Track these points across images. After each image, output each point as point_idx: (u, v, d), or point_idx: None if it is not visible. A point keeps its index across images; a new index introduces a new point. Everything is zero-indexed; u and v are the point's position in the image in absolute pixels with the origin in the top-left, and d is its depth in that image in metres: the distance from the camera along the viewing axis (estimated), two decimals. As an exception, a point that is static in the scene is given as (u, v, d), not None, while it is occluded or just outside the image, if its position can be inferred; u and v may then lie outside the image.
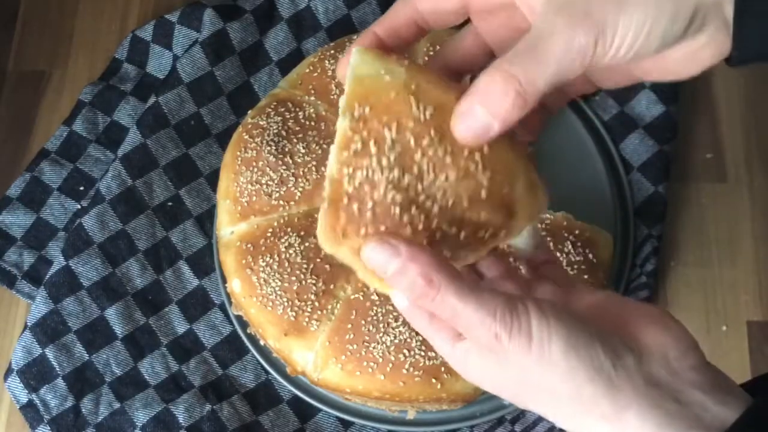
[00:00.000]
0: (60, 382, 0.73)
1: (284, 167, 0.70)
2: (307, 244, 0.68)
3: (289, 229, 0.69)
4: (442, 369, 0.65)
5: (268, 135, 0.71)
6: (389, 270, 0.38)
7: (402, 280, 0.38)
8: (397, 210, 0.38)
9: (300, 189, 0.70)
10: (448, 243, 0.39)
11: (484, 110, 0.37)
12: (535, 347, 0.37)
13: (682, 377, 0.38)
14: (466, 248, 0.40)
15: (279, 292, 0.67)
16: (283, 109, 0.73)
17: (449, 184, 0.38)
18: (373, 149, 0.38)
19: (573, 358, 0.37)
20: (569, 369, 0.37)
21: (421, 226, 0.38)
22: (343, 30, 0.81)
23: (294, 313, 0.67)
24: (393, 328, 0.65)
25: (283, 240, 0.69)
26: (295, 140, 0.71)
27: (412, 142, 0.38)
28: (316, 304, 0.67)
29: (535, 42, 0.37)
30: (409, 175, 0.38)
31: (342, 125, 0.38)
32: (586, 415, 0.38)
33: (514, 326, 0.37)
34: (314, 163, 0.70)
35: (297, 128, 0.72)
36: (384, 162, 0.38)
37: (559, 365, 0.37)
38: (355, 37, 0.75)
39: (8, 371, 0.73)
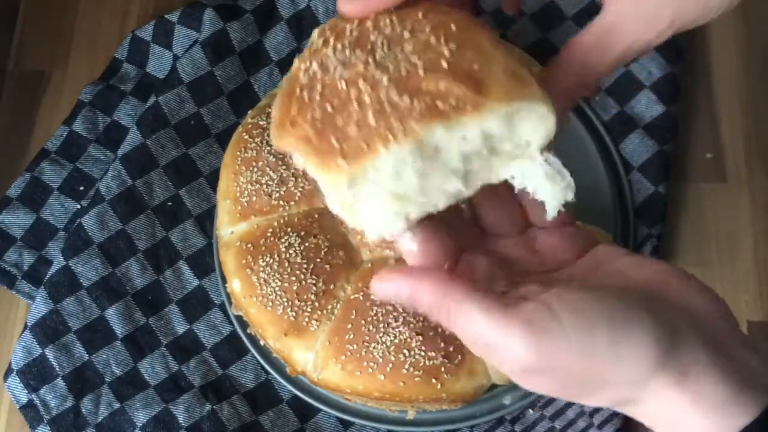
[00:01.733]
0: (60, 382, 0.73)
1: (284, 167, 0.70)
2: (307, 244, 0.68)
3: (289, 229, 0.69)
4: (442, 369, 0.65)
5: (268, 135, 0.71)
6: (404, 301, 0.39)
7: (420, 306, 0.39)
8: (344, 85, 0.36)
9: (300, 189, 0.70)
10: (399, 114, 0.36)
11: None
12: (569, 344, 0.37)
13: (731, 337, 0.39)
14: (423, 121, 0.36)
15: (279, 292, 0.67)
16: (283, 109, 0.73)
17: (404, 55, 0.36)
18: (331, 41, 0.37)
19: (621, 342, 0.37)
20: (617, 355, 0.38)
21: (367, 99, 0.36)
22: (343, 30, 0.81)
23: (294, 313, 0.67)
24: (393, 328, 0.65)
25: (283, 240, 0.69)
26: (295, 140, 0.71)
27: (370, 25, 0.37)
28: (316, 304, 0.67)
29: None
30: (360, 52, 0.36)
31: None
32: (644, 385, 0.38)
33: (543, 338, 0.37)
34: (314, 163, 0.70)
35: (297, 128, 0.72)
36: (339, 47, 0.37)
37: (605, 353, 0.38)
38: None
39: (8, 371, 0.73)
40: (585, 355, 0.38)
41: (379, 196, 0.37)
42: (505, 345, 0.38)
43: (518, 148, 0.38)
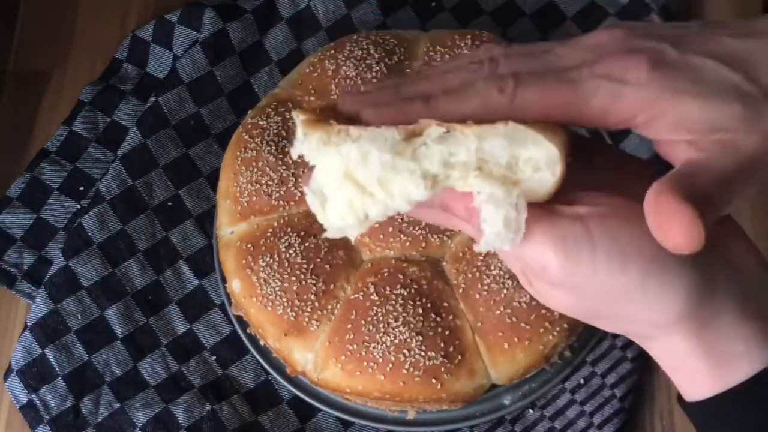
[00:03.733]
0: (60, 382, 0.73)
1: (284, 167, 0.70)
2: (307, 244, 0.68)
3: (289, 229, 0.69)
4: (442, 369, 0.65)
5: (268, 135, 0.71)
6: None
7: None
8: None
9: (300, 189, 0.70)
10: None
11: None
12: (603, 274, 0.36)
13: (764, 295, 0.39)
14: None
15: (279, 292, 0.67)
16: (283, 109, 0.73)
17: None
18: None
19: (652, 288, 0.37)
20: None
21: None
22: (343, 30, 0.81)
23: (294, 313, 0.67)
24: (393, 328, 0.65)
25: (283, 240, 0.69)
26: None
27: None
28: (316, 304, 0.67)
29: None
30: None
31: None
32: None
33: (571, 258, 0.36)
34: (314, 163, 0.70)
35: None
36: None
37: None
38: (355, 37, 0.75)
39: (8, 371, 0.73)
40: (610, 287, 0.37)
41: (340, 177, 0.36)
42: (533, 253, 0.37)
43: (505, 176, 0.37)
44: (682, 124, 0.37)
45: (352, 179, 0.36)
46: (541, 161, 0.36)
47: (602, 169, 0.42)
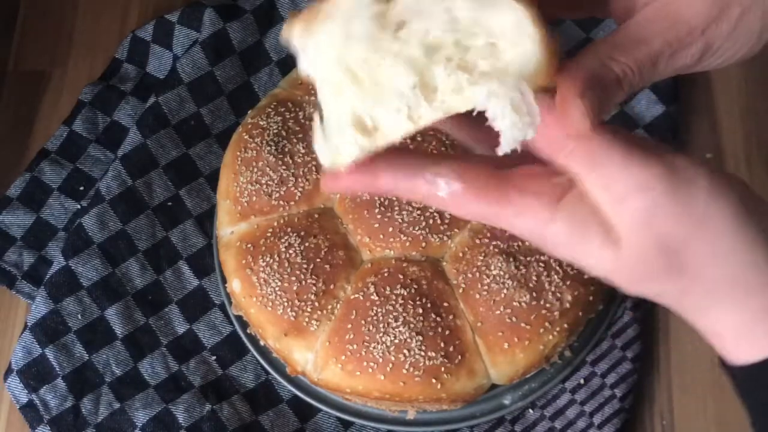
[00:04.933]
0: (60, 382, 0.73)
1: (284, 167, 0.70)
2: (307, 244, 0.68)
3: (289, 229, 0.69)
4: (442, 369, 0.65)
5: (268, 135, 0.71)
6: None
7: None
8: None
9: (300, 189, 0.70)
10: None
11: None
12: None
13: None
14: None
15: (279, 292, 0.67)
16: (283, 109, 0.73)
17: None
18: None
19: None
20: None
21: None
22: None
23: (294, 313, 0.67)
24: (393, 328, 0.65)
25: (283, 240, 0.69)
26: (295, 140, 0.71)
27: None
28: (316, 304, 0.67)
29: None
30: None
31: None
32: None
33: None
34: (314, 163, 0.70)
35: (297, 128, 0.72)
36: None
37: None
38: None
39: (8, 371, 0.73)
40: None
41: (333, 64, 0.35)
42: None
43: (493, 68, 0.35)
44: None
45: (342, 64, 0.35)
46: (511, 28, 0.34)
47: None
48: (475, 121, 0.36)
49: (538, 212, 0.38)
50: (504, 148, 0.35)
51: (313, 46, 0.35)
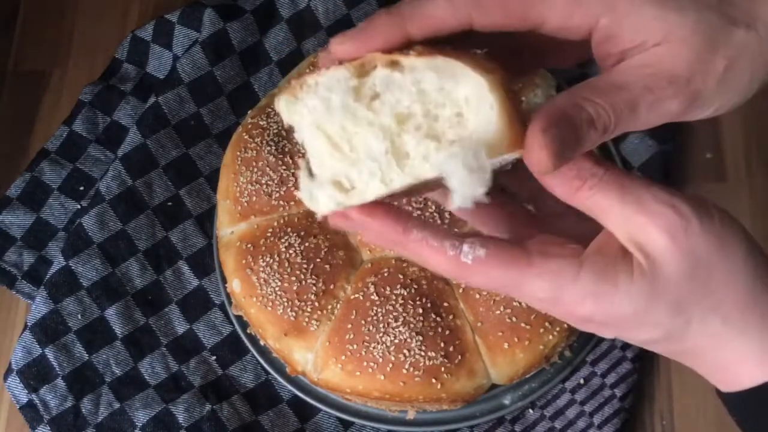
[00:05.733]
0: (60, 382, 0.73)
1: (284, 167, 0.70)
2: (307, 244, 0.68)
3: (289, 229, 0.69)
4: (442, 369, 0.65)
5: (268, 135, 0.71)
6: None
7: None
8: None
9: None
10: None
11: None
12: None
13: None
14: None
15: (279, 292, 0.67)
16: (283, 109, 0.73)
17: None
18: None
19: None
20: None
21: None
22: (343, 30, 0.81)
23: (294, 313, 0.67)
24: (393, 328, 0.65)
25: (283, 240, 0.69)
26: (295, 140, 0.71)
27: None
28: (316, 304, 0.67)
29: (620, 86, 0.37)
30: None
31: None
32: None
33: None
34: (314, 163, 0.70)
35: (297, 128, 0.72)
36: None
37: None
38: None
39: (8, 371, 0.73)
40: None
41: (314, 130, 0.38)
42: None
43: (459, 136, 0.37)
44: (639, 30, 0.38)
45: (322, 131, 0.38)
46: (473, 97, 0.36)
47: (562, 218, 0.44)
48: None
49: (563, 270, 0.39)
50: (456, 203, 0.36)
51: (297, 115, 0.38)
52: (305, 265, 0.68)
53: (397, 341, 0.65)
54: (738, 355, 0.39)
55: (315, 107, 0.37)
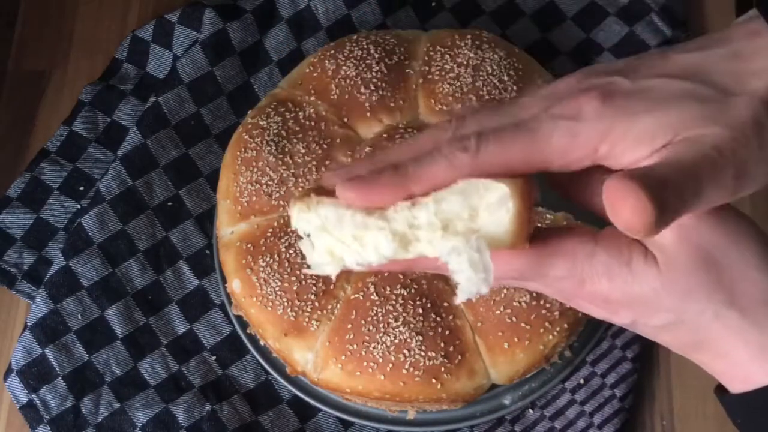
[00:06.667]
0: (60, 382, 0.73)
1: (284, 167, 0.70)
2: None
3: (289, 229, 0.69)
4: (442, 369, 0.65)
5: (268, 135, 0.71)
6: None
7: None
8: None
9: (300, 189, 0.70)
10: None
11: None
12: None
13: None
14: None
15: (279, 292, 0.67)
16: (283, 109, 0.73)
17: None
18: None
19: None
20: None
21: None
22: (343, 30, 0.81)
23: (294, 313, 0.67)
24: (393, 328, 0.65)
25: (283, 240, 0.69)
26: (295, 140, 0.71)
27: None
28: (316, 304, 0.67)
29: None
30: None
31: None
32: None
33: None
34: (314, 163, 0.70)
35: (297, 128, 0.72)
36: None
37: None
38: (355, 37, 0.75)
39: (8, 371, 0.73)
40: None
41: (321, 232, 0.39)
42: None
43: (467, 227, 0.38)
44: (642, 139, 0.37)
45: (329, 232, 0.39)
46: (493, 202, 0.37)
47: None
48: None
49: (578, 248, 0.40)
50: (460, 298, 0.38)
51: (306, 222, 0.40)
52: (305, 266, 0.68)
53: (397, 341, 0.65)
54: (753, 350, 0.39)
55: (327, 217, 0.39)
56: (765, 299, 0.39)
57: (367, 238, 0.39)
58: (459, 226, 0.38)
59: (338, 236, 0.39)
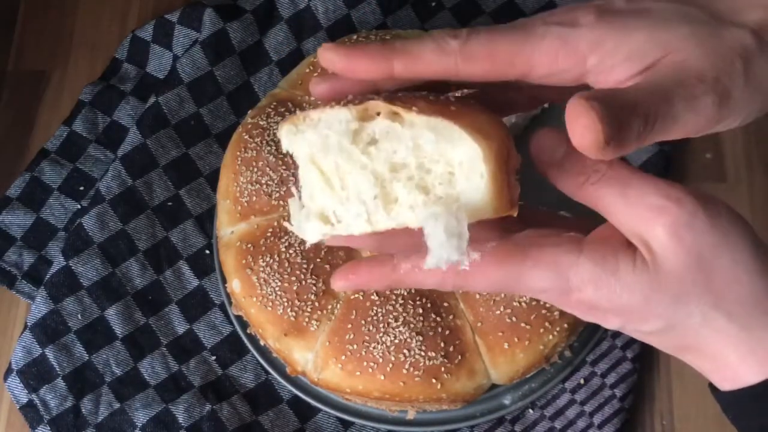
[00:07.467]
0: (60, 382, 0.73)
1: (284, 167, 0.70)
2: (307, 244, 0.68)
3: (289, 230, 0.69)
4: (442, 369, 0.65)
5: (268, 135, 0.71)
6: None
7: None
8: None
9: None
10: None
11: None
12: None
13: None
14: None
15: (279, 292, 0.67)
16: (283, 109, 0.73)
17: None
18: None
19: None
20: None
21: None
22: (343, 30, 0.81)
23: (294, 313, 0.67)
24: (393, 328, 0.65)
25: (283, 240, 0.69)
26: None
27: None
28: (316, 304, 0.67)
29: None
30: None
31: None
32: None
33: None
34: (314, 163, 0.70)
35: (297, 128, 0.72)
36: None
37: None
38: (355, 37, 0.75)
39: (8, 371, 0.73)
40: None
41: (307, 162, 0.39)
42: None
43: (446, 194, 0.38)
44: (633, 55, 0.38)
45: (317, 165, 0.39)
46: (465, 160, 0.37)
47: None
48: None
49: (561, 259, 0.39)
50: (428, 263, 0.37)
51: (295, 145, 0.39)
52: (305, 265, 0.68)
53: (397, 341, 0.65)
54: (741, 351, 0.39)
55: (313, 141, 0.38)
56: (754, 301, 0.38)
57: (349, 179, 0.38)
58: (439, 190, 0.37)
59: (324, 166, 0.38)
